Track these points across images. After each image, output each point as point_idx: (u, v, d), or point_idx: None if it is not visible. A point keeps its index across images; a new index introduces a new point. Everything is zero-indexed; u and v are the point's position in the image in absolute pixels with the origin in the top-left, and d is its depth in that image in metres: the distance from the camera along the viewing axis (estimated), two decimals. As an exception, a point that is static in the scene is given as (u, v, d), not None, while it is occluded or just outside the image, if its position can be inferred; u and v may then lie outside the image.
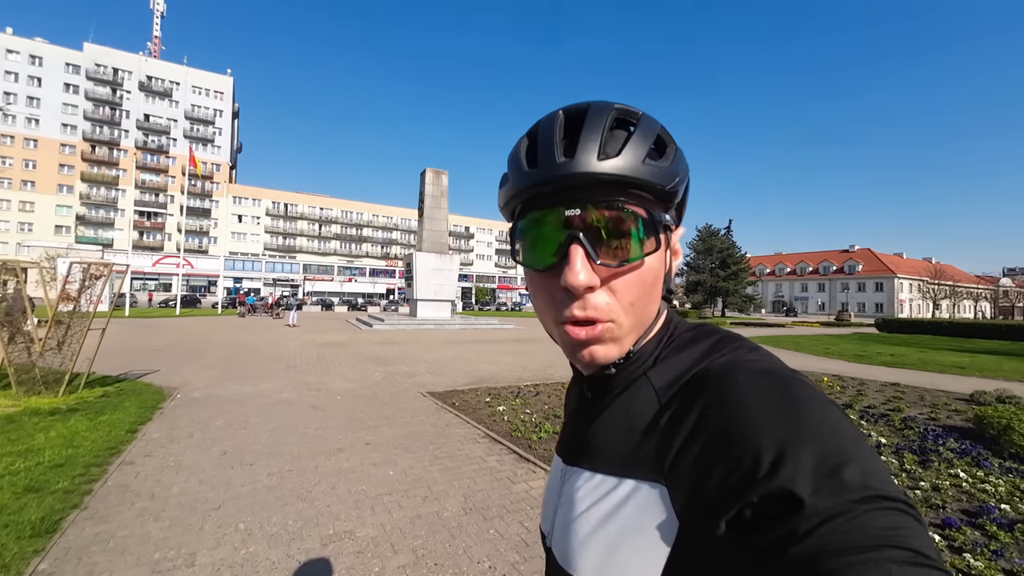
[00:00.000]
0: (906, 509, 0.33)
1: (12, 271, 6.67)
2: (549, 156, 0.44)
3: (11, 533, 2.75)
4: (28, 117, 56.66)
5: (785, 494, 0.33)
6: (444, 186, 24.53)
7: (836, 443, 0.35)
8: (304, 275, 62.26)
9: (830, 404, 0.39)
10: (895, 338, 23.18)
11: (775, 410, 0.38)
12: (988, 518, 3.17)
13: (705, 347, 0.47)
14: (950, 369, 11.46)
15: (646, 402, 0.46)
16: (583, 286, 0.43)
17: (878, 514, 0.31)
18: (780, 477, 0.34)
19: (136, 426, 5.08)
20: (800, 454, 0.34)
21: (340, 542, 2.82)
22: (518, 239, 0.49)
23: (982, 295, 79.26)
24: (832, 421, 0.37)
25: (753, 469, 0.35)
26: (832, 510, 0.32)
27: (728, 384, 0.41)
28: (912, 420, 5.95)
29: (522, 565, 2.62)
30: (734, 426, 0.38)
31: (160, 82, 63.75)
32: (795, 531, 0.32)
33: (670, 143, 0.48)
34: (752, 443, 0.36)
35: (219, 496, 3.42)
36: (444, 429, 5.31)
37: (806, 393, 0.39)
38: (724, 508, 0.35)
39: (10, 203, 55.14)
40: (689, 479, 0.39)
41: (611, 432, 0.47)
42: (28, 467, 3.78)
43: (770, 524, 0.33)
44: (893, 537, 0.30)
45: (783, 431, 0.36)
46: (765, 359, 0.45)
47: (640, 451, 0.43)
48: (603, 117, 0.45)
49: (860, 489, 0.32)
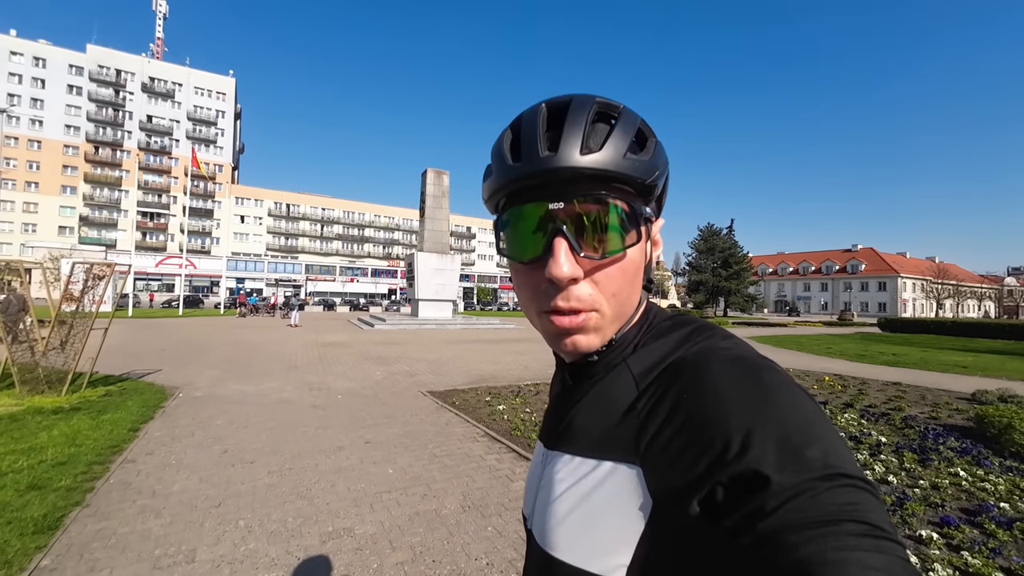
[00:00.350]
0: (863, 486, 0.34)
1: (16, 271, 6.73)
2: (533, 150, 0.45)
3: (14, 530, 2.78)
4: (32, 119, 56.93)
5: (753, 474, 0.34)
6: (445, 186, 24.56)
7: (801, 424, 0.37)
8: (306, 275, 62.39)
9: (797, 389, 0.41)
10: (898, 338, 23.12)
11: (745, 395, 0.39)
12: (987, 516, 3.17)
13: (681, 336, 0.49)
14: (953, 368, 11.42)
15: (624, 388, 0.47)
16: (567, 278, 0.44)
17: (838, 491, 0.33)
18: (748, 457, 0.35)
19: (138, 425, 5.11)
20: (767, 436, 0.36)
21: (339, 539, 2.84)
22: (502, 232, 0.50)
23: (986, 294, 78.87)
24: (798, 404, 0.39)
25: (723, 451, 0.36)
26: (796, 488, 0.33)
27: (702, 371, 0.43)
28: (913, 419, 5.94)
29: (519, 562, 2.63)
30: (706, 411, 0.40)
31: (163, 83, 64.00)
32: (762, 508, 0.33)
33: (650, 136, 0.49)
34: (723, 426, 0.38)
35: (220, 494, 3.44)
36: (444, 428, 5.33)
37: (774, 379, 0.41)
38: (696, 488, 0.37)
39: (14, 204, 55.40)
40: (663, 461, 0.40)
41: (590, 416, 0.48)
42: (31, 465, 3.81)
43: (739, 503, 0.34)
44: (851, 512, 0.32)
45: (751, 414, 0.38)
46: (737, 347, 0.46)
47: (618, 434, 0.45)
48: (585, 111, 0.46)
49: (822, 467, 0.34)
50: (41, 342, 6.29)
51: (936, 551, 2.79)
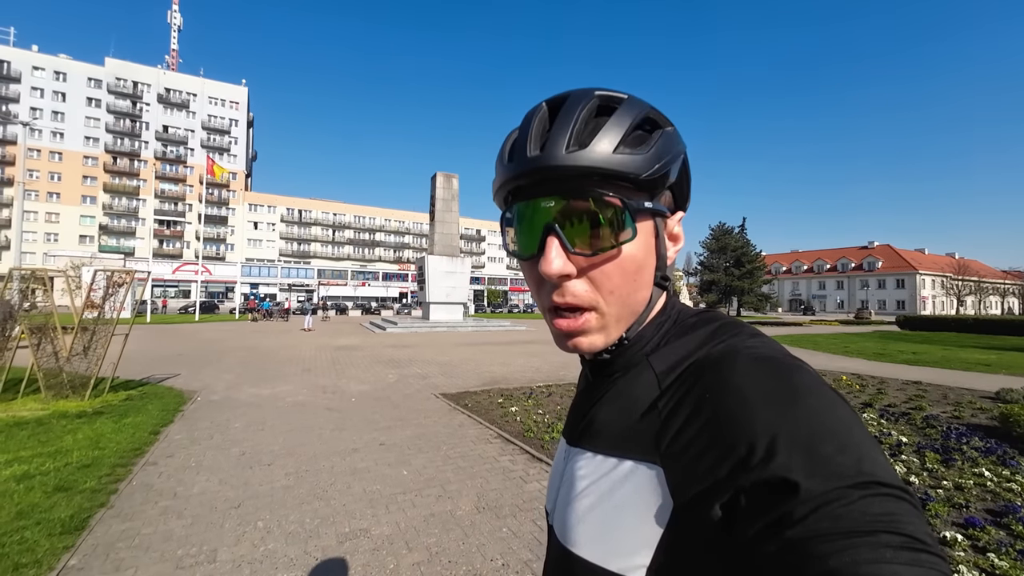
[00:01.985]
0: (901, 495, 0.32)
1: (41, 280, 6.93)
2: (523, 150, 0.46)
3: (42, 530, 2.87)
4: (53, 131, 58.61)
5: (779, 480, 0.33)
6: (455, 189, 24.68)
7: (831, 429, 0.35)
8: (319, 280, 63.09)
9: (829, 391, 0.39)
10: (917, 336, 22.60)
11: (771, 396, 0.38)
12: (1014, 517, 3.09)
13: (706, 333, 0.48)
14: (975, 367, 11.14)
15: (646, 386, 0.46)
16: (556, 274, 0.44)
17: (873, 500, 0.32)
18: (775, 462, 0.34)
19: (159, 428, 5.22)
20: (795, 439, 0.35)
21: (356, 540, 2.87)
22: (506, 229, 0.51)
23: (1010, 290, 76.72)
24: (829, 407, 0.37)
25: (748, 454, 0.35)
26: (826, 495, 0.32)
27: (726, 370, 0.42)
28: (934, 419, 5.81)
29: (535, 563, 2.64)
30: (730, 411, 0.38)
31: (178, 94, 65.42)
32: (789, 515, 0.32)
33: (661, 126, 0.48)
34: (747, 429, 0.36)
35: (238, 495, 3.51)
36: (457, 430, 5.35)
37: (804, 380, 0.39)
38: (719, 491, 0.36)
39: (37, 215, 57.03)
40: (685, 461, 0.39)
41: (612, 414, 0.48)
42: (57, 467, 3.92)
43: (764, 509, 0.33)
44: (887, 523, 0.31)
45: (778, 417, 0.36)
46: (765, 345, 0.45)
47: (639, 432, 0.44)
48: (579, 106, 0.45)
49: (855, 475, 0.32)
50: (64, 348, 6.46)
51: (961, 553, 2.72)
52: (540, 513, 3.26)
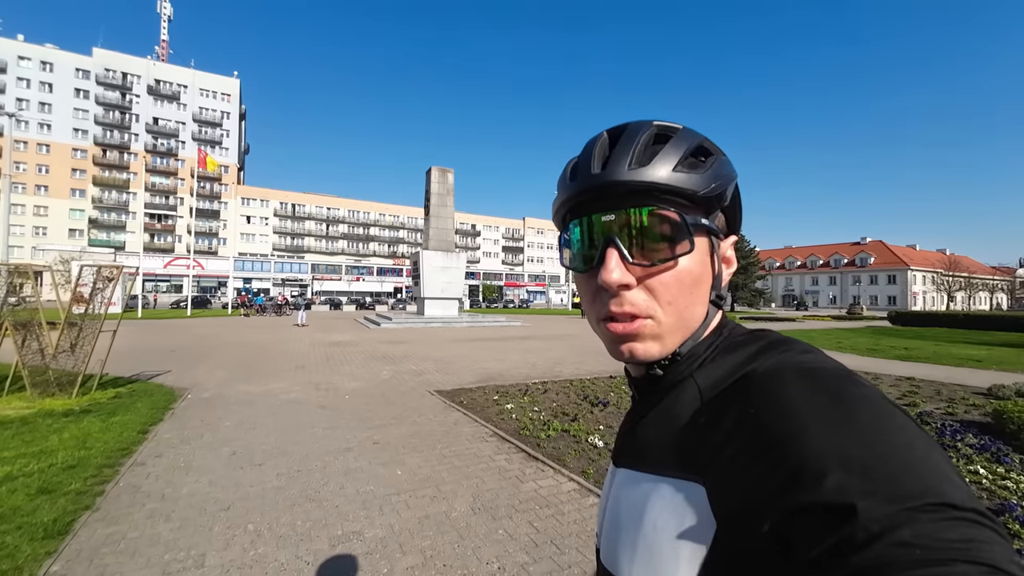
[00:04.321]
0: (980, 519, 0.29)
1: (26, 275, 6.77)
2: (587, 169, 0.49)
3: (24, 535, 2.78)
4: (40, 123, 57.58)
5: (834, 502, 0.30)
6: (450, 184, 24.53)
7: (892, 446, 0.33)
8: (312, 275, 62.73)
9: (888, 404, 0.36)
10: (909, 331, 22.81)
11: (822, 411, 0.36)
12: (1010, 516, 3.08)
13: (755, 349, 0.46)
14: (966, 362, 11.24)
15: (689, 402, 0.46)
16: (616, 283, 0.46)
17: (945, 524, 0.29)
18: (828, 482, 0.31)
19: (148, 427, 5.13)
20: (848, 457, 0.32)
21: (349, 543, 2.81)
22: (564, 246, 0.54)
23: (998, 286, 77.76)
24: (888, 422, 0.34)
25: (796, 473, 0.33)
26: (889, 519, 0.29)
27: (773, 384, 0.40)
28: (929, 415, 5.83)
29: (531, 566, 2.60)
30: (777, 427, 0.36)
31: (168, 85, 64.44)
32: (848, 542, 0.29)
33: (713, 153, 0.50)
34: (796, 446, 0.34)
35: (228, 497, 3.43)
36: (452, 428, 5.30)
37: (859, 392, 0.37)
38: (764, 512, 0.33)
39: (24, 208, 56.11)
40: (729, 480, 0.38)
41: (654, 432, 0.48)
42: (41, 468, 3.82)
43: (818, 534, 0.30)
44: (965, 551, 0.27)
45: (830, 434, 0.34)
46: (817, 360, 0.42)
47: (680, 450, 0.43)
48: (640, 133, 0.49)
49: (921, 495, 0.30)
50: (51, 345, 6.32)
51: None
52: (536, 515, 3.21)
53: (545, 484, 3.74)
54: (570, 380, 8.23)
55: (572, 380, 8.23)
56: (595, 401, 6.36)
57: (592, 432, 4.97)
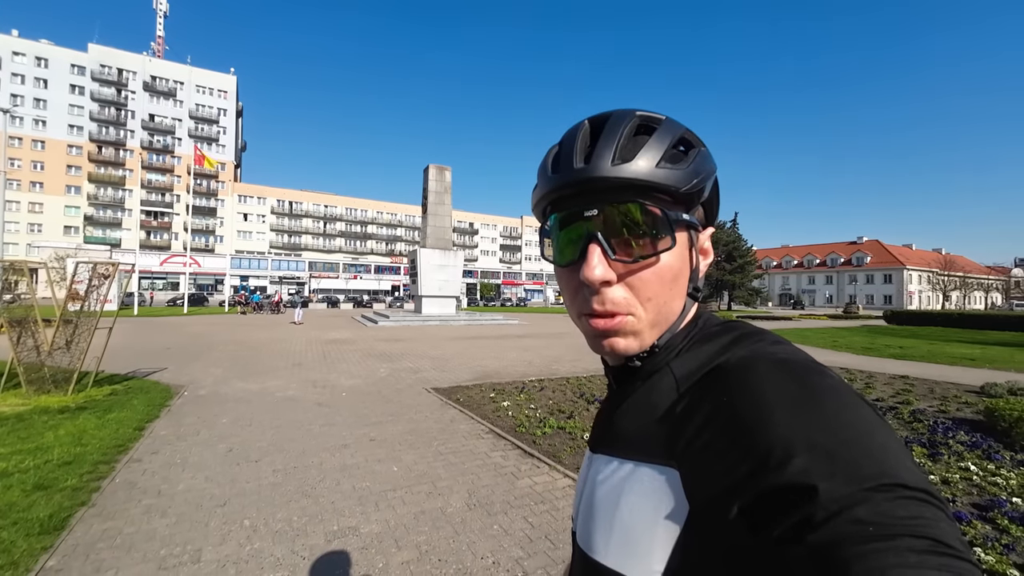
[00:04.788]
0: (927, 499, 0.31)
1: (20, 271, 6.75)
2: (568, 162, 0.49)
3: (20, 530, 2.79)
4: (35, 119, 57.15)
5: (798, 483, 0.32)
6: (447, 182, 24.49)
7: (852, 431, 0.35)
8: (310, 272, 62.55)
9: (851, 393, 0.38)
10: (904, 330, 22.93)
11: (790, 399, 0.38)
12: (999, 512, 3.13)
13: (728, 340, 0.48)
14: (960, 361, 11.32)
15: (665, 391, 0.47)
16: (598, 280, 0.46)
17: (897, 503, 0.31)
18: (793, 466, 0.33)
19: (144, 424, 5.13)
20: (813, 442, 0.34)
21: (344, 538, 2.83)
22: (545, 238, 0.53)
23: (993, 286, 78.20)
24: (850, 410, 0.36)
25: (765, 457, 0.35)
26: (847, 498, 0.31)
27: (745, 374, 0.42)
28: (921, 413, 5.88)
29: (526, 561, 2.62)
30: (748, 414, 0.38)
31: (164, 82, 64.02)
32: (809, 520, 0.31)
33: (695, 146, 0.50)
34: (765, 431, 0.36)
35: (225, 493, 3.44)
36: (448, 425, 5.31)
37: (825, 383, 0.39)
38: (735, 495, 0.35)
39: (19, 204, 55.74)
40: (702, 465, 0.39)
41: (631, 419, 0.49)
42: (37, 465, 3.82)
43: (783, 513, 0.32)
44: (912, 526, 0.30)
45: (797, 420, 0.36)
46: (787, 351, 0.44)
47: (656, 437, 0.44)
48: (622, 124, 0.48)
49: (877, 476, 0.32)
50: (46, 342, 6.30)
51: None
52: (531, 510, 3.24)
53: (540, 480, 3.76)
54: (567, 378, 8.26)
55: (569, 378, 8.26)
56: (591, 399, 6.39)
57: (588, 429, 5.00)
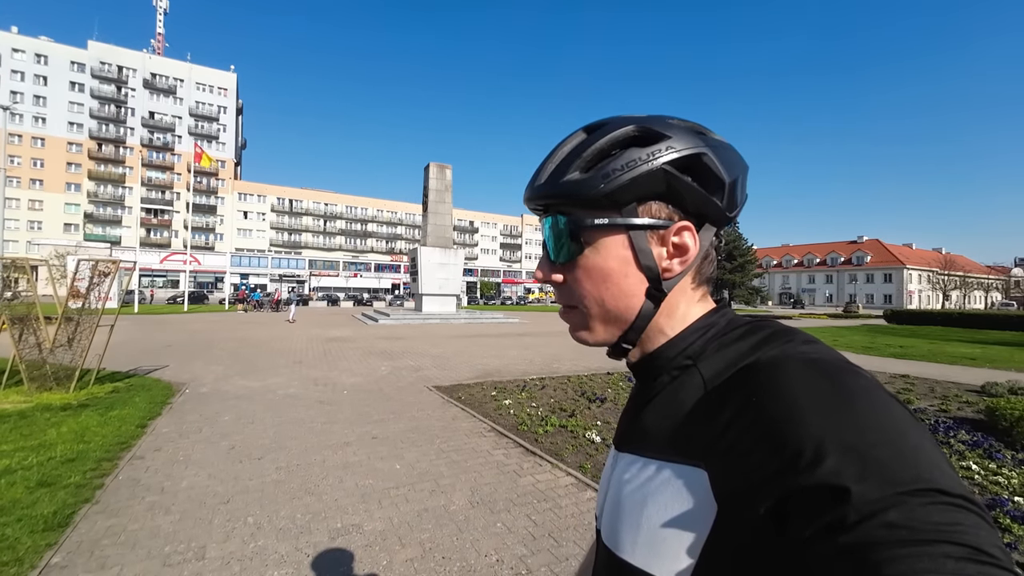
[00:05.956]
0: (966, 505, 0.31)
1: (22, 269, 6.74)
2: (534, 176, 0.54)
3: (24, 527, 2.79)
4: (35, 116, 57.03)
5: (830, 484, 0.32)
6: (448, 180, 24.47)
7: (886, 433, 0.34)
8: (310, 271, 62.58)
9: (884, 394, 0.38)
10: (904, 329, 22.95)
11: (822, 399, 0.37)
12: (1001, 511, 3.14)
13: (758, 339, 0.47)
14: (961, 360, 11.33)
15: (693, 390, 0.47)
16: (540, 279, 0.55)
17: (933, 508, 0.30)
18: (824, 467, 0.33)
19: (146, 421, 5.13)
20: (845, 443, 0.34)
21: (348, 536, 2.84)
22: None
23: (993, 285, 78.21)
24: (884, 411, 0.36)
25: (795, 458, 0.34)
26: (880, 502, 0.30)
27: (775, 373, 0.41)
28: (922, 412, 5.90)
29: (529, 558, 2.62)
30: (778, 414, 0.38)
31: (164, 79, 63.88)
32: (840, 522, 0.31)
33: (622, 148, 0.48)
34: (795, 432, 0.35)
35: (228, 490, 3.45)
36: (450, 423, 5.32)
37: (858, 383, 0.38)
38: (764, 495, 0.35)
39: (19, 202, 55.68)
40: (729, 465, 0.39)
41: (657, 418, 0.49)
42: (40, 462, 3.83)
43: (814, 514, 0.32)
44: (949, 533, 0.29)
45: (828, 420, 0.35)
46: (819, 351, 0.44)
47: (683, 436, 0.44)
48: (569, 141, 0.52)
49: (912, 480, 0.31)
50: (48, 339, 6.31)
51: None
52: (534, 508, 3.24)
53: (543, 478, 3.77)
54: (568, 376, 8.27)
55: (570, 376, 8.26)
56: (592, 397, 6.40)
57: (590, 427, 5.01)
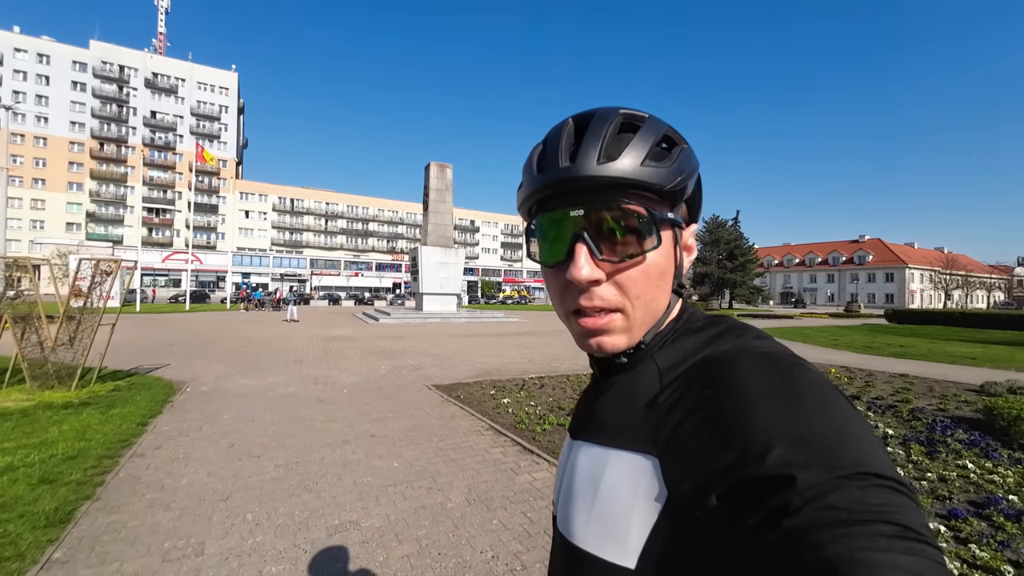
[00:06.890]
0: (898, 487, 0.33)
1: (24, 268, 6.79)
2: (555, 161, 0.49)
3: (26, 523, 2.82)
4: (37, 115, 57.14)
5: (777, 473, 0.34)
6: (449, 180, 24.49)
7: (830, 424, 0.36)
8: (311, 270, 62.65)
9: (829, 388, 0.40)
10: (905, 329, 22.90)
11: (771, 392, 0.39)
12: (995, 509, 3.15)
13: (712, 333, 0.49)
14: (961, 360, 11.32)
15: (648, 381, 0.48)
16: (585, 280, 0.46)
17: (869, 491, 0.32)
18: (772, 456, 0.35)
19: (147, 419, 5.17)
20: (792, 433, 0.35)
21: (346, 532, 2.86)
22: (531, 238, 0.53)
23: (995, 285, 77.98)
24: (828, 403, 0.38)
25: (746, 447, 0.36)
26: (822, 486, 0.32)
27: (728, 367, 0.43)
28: (920, 411, 5.90)
29: (524, 555, 2.65)
30: (730, 406, 0.39)
31: (166, 79, 63.93)
32: (786, 506, 0.33)
33: (678, 144, 0.51)
34: (746, 423, 0.37)
35: (227, 487, 3.48)
36: (449, 421, 5.35)
37: (805, 377, 0.40)
38: (715, 483, 0.37)
39: (22, 201, 55.82)
40: (682, 454, 0.40)
41: (613, 408, 0.50)
42: (42, 459, 3.87)
43: (762, 500, 0.34)
44: (883, 513, 0.31)
45: (777, 412, 0.37)
46: (769, 345, 0.45)
47: (637, 425, 0.45)
48: (607, 122, 0.48)
49: (851, 466, 0.33)
50: (50, 338, 6.35)
51: (944, 544, 2.77)
52: (530, 505, 3.27)
53: (540, 476, 3.79)
54: (567, 375, 8.29)
55: (569, 375, 8.28)
56: (591, 396, 6.41)
57: (587, 426, 5.02)
